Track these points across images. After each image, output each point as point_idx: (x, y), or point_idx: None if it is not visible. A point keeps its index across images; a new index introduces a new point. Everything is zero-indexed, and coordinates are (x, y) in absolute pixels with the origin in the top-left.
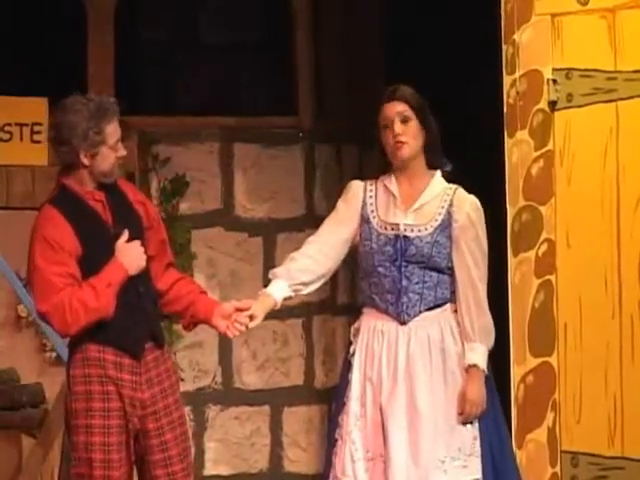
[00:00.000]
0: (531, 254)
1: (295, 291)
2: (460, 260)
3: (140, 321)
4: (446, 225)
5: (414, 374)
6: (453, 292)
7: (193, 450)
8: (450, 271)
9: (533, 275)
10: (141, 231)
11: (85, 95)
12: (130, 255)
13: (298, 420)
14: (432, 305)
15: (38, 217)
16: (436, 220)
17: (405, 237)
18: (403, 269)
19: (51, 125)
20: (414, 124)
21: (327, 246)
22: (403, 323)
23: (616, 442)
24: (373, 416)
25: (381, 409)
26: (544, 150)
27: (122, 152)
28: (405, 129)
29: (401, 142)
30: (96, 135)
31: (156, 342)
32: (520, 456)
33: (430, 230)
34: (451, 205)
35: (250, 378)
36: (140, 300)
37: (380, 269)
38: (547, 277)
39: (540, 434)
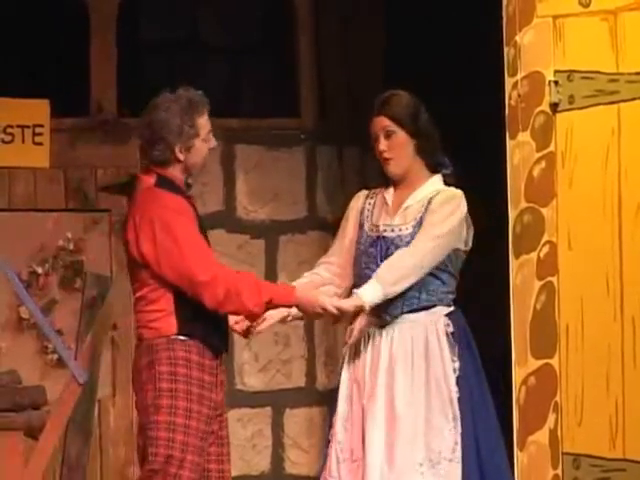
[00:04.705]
0: (533, 256)
1: None
2: (419, 231)
3: (224, 324)
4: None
5: (394, 375)
6: (442, 297)
7: None
8: (437, 273)
9: (535, 277)
10: None
11: (174, 91)
12: (309, 303)
13: (300, 422)
14: (415, 307)
15: (155, 199)
16: (416, 219)
17: (384, 237)
18: None
19: (144, 125)
20: (399, 136)
21: (336, 265)
22: (385, 324)
23: (618, 444)
24: (358, 417)
25: (363, 410)
26: (546, 152)
27: (213, 143)
28: (390, 144)
29: (386, 159)
30: (190, 129)
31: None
32: (522, 458)
33: (410, 230)
34: (429, 203)
35: (252, 380)
36: None
37: (366, 271)
38: (549, 279)
39: (542, 436)
